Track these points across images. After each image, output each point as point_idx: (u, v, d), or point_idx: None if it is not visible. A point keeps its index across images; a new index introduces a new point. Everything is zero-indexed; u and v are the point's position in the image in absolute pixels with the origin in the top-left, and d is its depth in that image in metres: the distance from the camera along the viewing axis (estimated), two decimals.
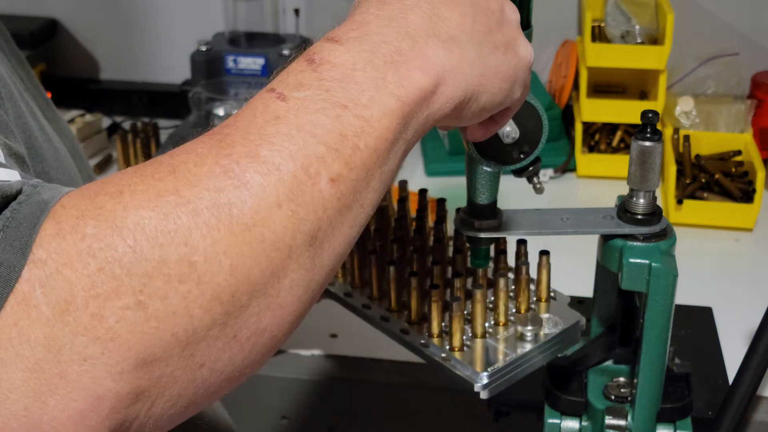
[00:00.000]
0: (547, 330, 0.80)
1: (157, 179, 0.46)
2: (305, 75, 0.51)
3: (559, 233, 0.82)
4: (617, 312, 0.85)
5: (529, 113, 0.76)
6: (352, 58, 0.52)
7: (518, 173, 0.79)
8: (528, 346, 0.79)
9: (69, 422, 0.42)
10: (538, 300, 0.84)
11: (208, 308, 0.45)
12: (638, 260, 0.76)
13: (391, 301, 0.84)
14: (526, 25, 0.76)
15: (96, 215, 0.44)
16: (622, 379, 0.85)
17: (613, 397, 0.83)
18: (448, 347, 0.79)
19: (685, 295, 0.93)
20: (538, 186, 0.80)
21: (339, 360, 1.12)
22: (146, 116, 1.71)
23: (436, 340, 0.80)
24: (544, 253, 0.83)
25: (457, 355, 0.79)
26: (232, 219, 0.45)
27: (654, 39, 1.49)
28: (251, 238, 0.46)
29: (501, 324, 0.81)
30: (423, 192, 0.92)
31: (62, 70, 1.79)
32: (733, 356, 1.04)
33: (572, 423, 0.84)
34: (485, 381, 0.77)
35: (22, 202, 0.44)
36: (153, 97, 1.75)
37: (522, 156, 0.77)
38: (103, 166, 1.56)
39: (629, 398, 0.83)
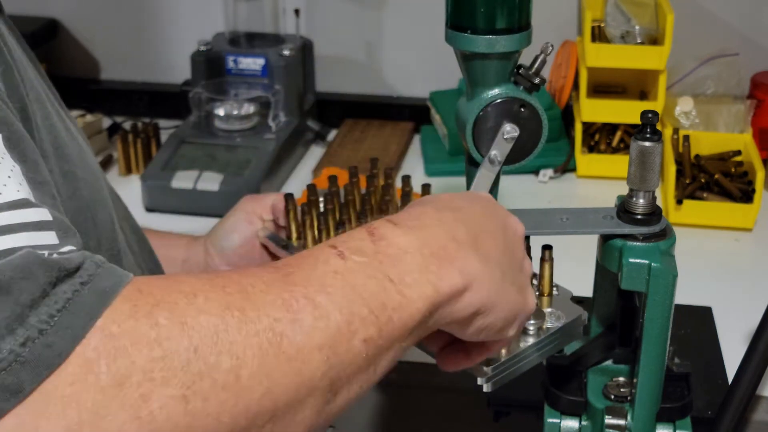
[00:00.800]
0: (549, 324, 0.80)
1: (228, 293, 0.50)
2: (365, 243, 0.58)
3: (559, 233, 0.82)
4: (617, 312, 0.85)
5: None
6: (406, 242, 0.59)
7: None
8: (530, 340, 0.79)
9: None
10: (541, 294, 0.85)
11: (235, 419, 0.49)
12: (638, 260, 0.76)
13: None
14: (525, 25, 0.76)
15: (170, 309, 0.48)
16: (621, 378, 0.85)
17: (612, 397, 0.83)
18: None
19: (684, 295, 0.94)
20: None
21: None
22: (147, 116, 1.71)
23: None
24: (546, 248, 0.83)
25: None
26: (281, 348, 0.50)
27: (654, 39, 1.50)
28: (290, 369, 0.50)
29: None
30: (426, 187, 0.93)
31: (63, 70, 1.79)
32: (733, 356, 1.04)
33: (572, 422, 0.84)
34: (489, 374, 0.77)
35: (85, 283, 0.47)
36: (153, 98, 1.75)
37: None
38: (103, 166, 1.56)
39: (629, 398, 0.83)
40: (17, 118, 0.58)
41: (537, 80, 0.77)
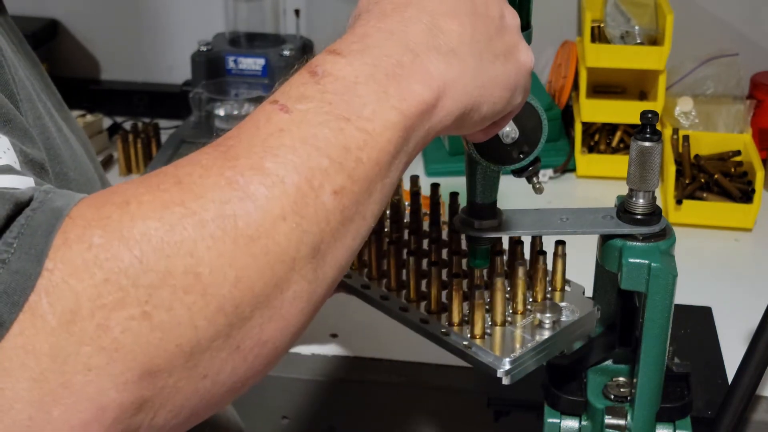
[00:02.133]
0: (564, 318, 0.81)
1: (163, 190, 0.46)
2: (308, 87, 0.51)
3: (559, 233, 0.82)
4: (617, 312, 0.85)
5: (529, 113, 0.77)
6: (354, 71, 0.52)
7: (518, 173, 0.79)
8: (547, 333, 0.80)
9: None
10: (553, 289, 0.85)
11: (212, 319, 0.45)
12: (638, 260, 0.76)
13: (411, 292, 0.85)
14: (525, 25, 0.76)
15: (102, 225, 0.44)
16: (621, 378, 0.85)
17: (612, 397, 0.83)
18: (469, 335, 0.80)
19: (684, 295, 0.94)
20: (537, 186, 0.81)
21: (339, 360, 1.12)
22: (147, 116, 1.71)
23: (456, 329, 0.81)
24: (560, 243, 0.84)
25: (478, 342, 0.79)
26: (237, 231, 0.45)
27: (653, 39, 1.50)
28: (256, 250, 0.46)
29: (519, 312, 0.82)
30: (435, 186, 0.93)
31: (63, 70, 1.79)
32: (733, 356, 1.04)
33: (572, 422, 0.84)
34: (507, 367, 0.77)
35: (36, 209, 0.45)
36: (154, 98, 1.75)
37: (521, 156, 0.77)
38: (104, 166, 1.56)
39: (629, 398, 0.83)
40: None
41: None
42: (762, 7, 1.61)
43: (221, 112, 1.53)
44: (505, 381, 0.77)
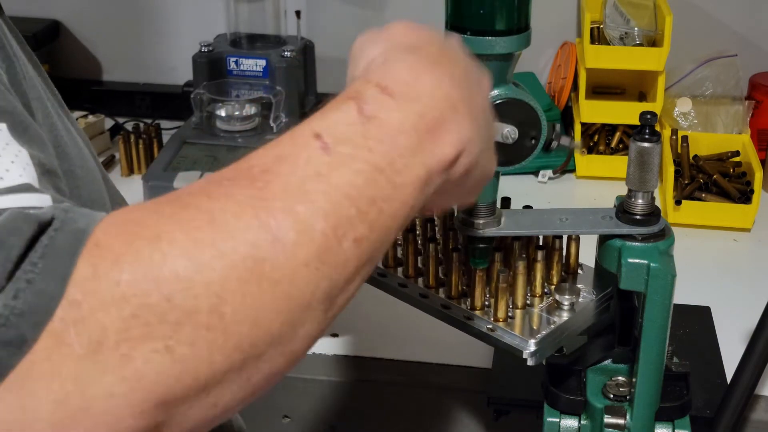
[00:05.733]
0: (581, 299, 0.83)
1: (195, 228, 0.46)
2: (353, 129, 0.51)
3: (559, 233, 0.82)
4: (616, 311, 0.86)
5: (518, 107, 0.77)
6: (400, 119, 0.52)
7: (546, 149, 0.79)
8: (567, 315, 0.81)
9: None
10: (567, 272, 0.87)
11: (229, 356, 0.46)
12: (637, 260, 0.77)
13: (430, 278, 0.86)
14: (525, 26, 0.77)
15: (132, 261, 0.44)
16: (620, 378, 0.85)
17: (611, 396, 0.84)
18: (492, 319, 0.81)
19: (683, 295, 0.94)
20: (568, 144, 0.81)
21: (339, 360, 1.13)
22: (149, 117, 1.71)
23: (479, 313, 0.82)
24: None
25: (501, 325, 0.81)
26: (263, 274, 0.46)
27: (652, 40, 1.50)
28: (278, 293, 0.47)
29: (537, 295, 0.84)
30: None
31: (65, 71, 1.79)
32: (732, 355, 1.05)
33: (571, 422, 0.85)
34: (533, 348, 0.79)
35: (58, 229, 0.45)
36: (155, 99, 1.76)
37: (534, 141, 0.78)
38: (106, 167, 1.57)
39: (628, 397, 0.83)
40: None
41: None
42: (761, 7, 1.62)
43: (222, 113, 1.53)
44: (530, 362, 0.79)
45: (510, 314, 0.82)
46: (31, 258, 0.44)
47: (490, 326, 0.81)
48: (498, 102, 0.77)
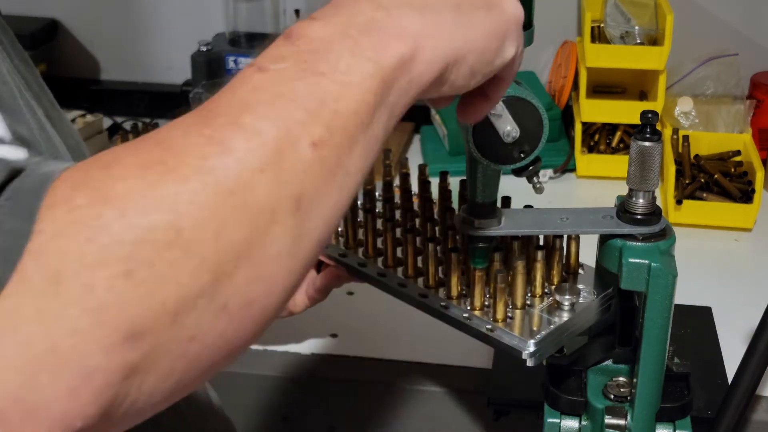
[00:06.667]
0: (582, 299, 0.82)
1: (144, 150, 0.46)
2: (283, 49, 0.52)
3: (559, 233, 0.82)
4: (617, 312, 0.85)
5: (530, 113, 0.77)
6: (327, 31, 0.53)
7: (518, 172, 0.79)
8: (567, 315, 0.81)
9: (61, 399, 0.42)
10: (567, 272, 0.87)
11: (195, 275, 0.45)
12: (638, 260, 0.77)
13: (430, 278, 0.85)
14: (528, 24, 0.76)
15: (86, 186, 0.44)
16: (621, 378, 0.85)
17: (612, 397, 0.83)
18: (491, 319, 0.81)
19: (684, 295, 0.94)
20: (537, 186, 0.81)
21: (339, 360, 1.13)
22: (147, 117, 1.71)
23: (478, 313, 0.82)
24: None
25: (500, 326, 0.80)
26: (217, 184, 0.46)
27: (653, 39, 1.50)
28: (235, 202, 0.46)
29: (537, 295, 0.83)
30: (444, 174, 0.93)
31: (63, 70, 1.79)
32: (732, 356, 1.05)
33: (572, 422, 0.84)
34: (532, 349, 0.78)
35: (28, 175, 0.45)
36: (154, 98, 1.75)
37: (522, 155, 0.77)
38: None
39: (629, 398, 0.83)
40: None
41: None
42: (762, 7, 1.62)
43: None
44: (530, 363, 0.78)
45: (510, 314, 0.81)
46: (1, 199, 0.43)
47: (489, 326, 0.81)
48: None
